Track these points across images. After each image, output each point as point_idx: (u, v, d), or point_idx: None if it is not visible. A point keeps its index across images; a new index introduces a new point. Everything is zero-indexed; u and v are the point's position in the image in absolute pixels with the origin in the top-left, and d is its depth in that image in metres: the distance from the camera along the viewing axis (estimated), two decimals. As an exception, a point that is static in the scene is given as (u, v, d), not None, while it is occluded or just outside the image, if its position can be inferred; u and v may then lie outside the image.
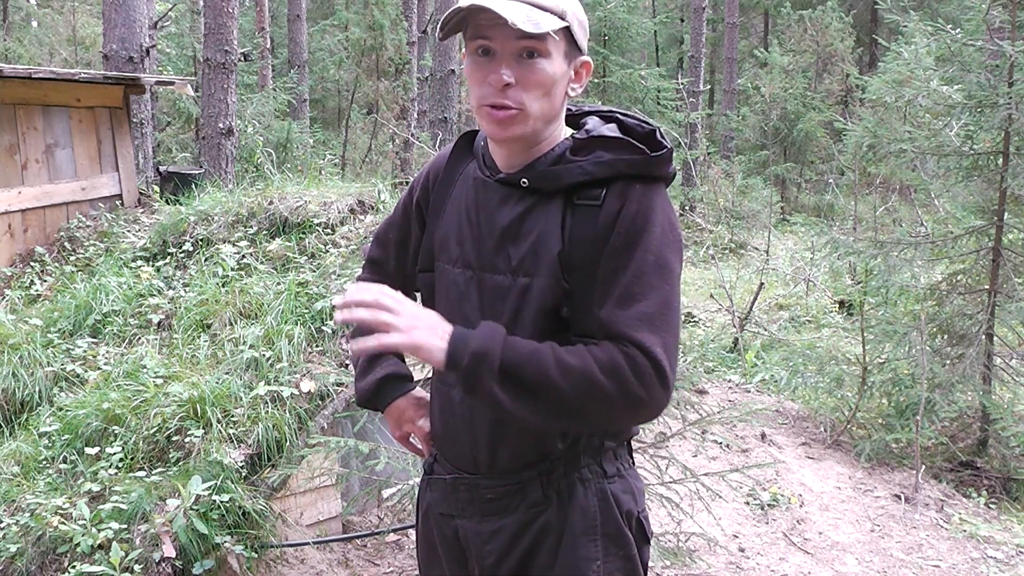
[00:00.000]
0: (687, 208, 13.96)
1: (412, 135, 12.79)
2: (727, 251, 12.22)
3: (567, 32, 1.43)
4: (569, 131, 1.55)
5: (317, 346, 3.70)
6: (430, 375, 1.67)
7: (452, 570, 1.64)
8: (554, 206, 1.47)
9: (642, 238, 1.40)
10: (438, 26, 1.44)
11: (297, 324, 3.72)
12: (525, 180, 1.48)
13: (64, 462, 3.29)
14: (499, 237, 1.50)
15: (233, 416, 3.32)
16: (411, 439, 1.72)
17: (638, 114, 1.55)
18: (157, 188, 6.61)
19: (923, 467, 4.57)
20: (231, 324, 3.82)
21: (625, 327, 1.36)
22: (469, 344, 1.36)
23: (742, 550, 3.85)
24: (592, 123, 1.53)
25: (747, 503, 4.23)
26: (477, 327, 1.40)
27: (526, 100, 1.42)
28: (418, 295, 1.69)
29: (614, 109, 1.57)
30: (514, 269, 1.48)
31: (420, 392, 1.71)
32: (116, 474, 3.16)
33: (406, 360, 1.74)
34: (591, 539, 1.50)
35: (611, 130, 1.50)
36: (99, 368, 3.77)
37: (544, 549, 1.52)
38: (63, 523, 2.90)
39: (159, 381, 3.52)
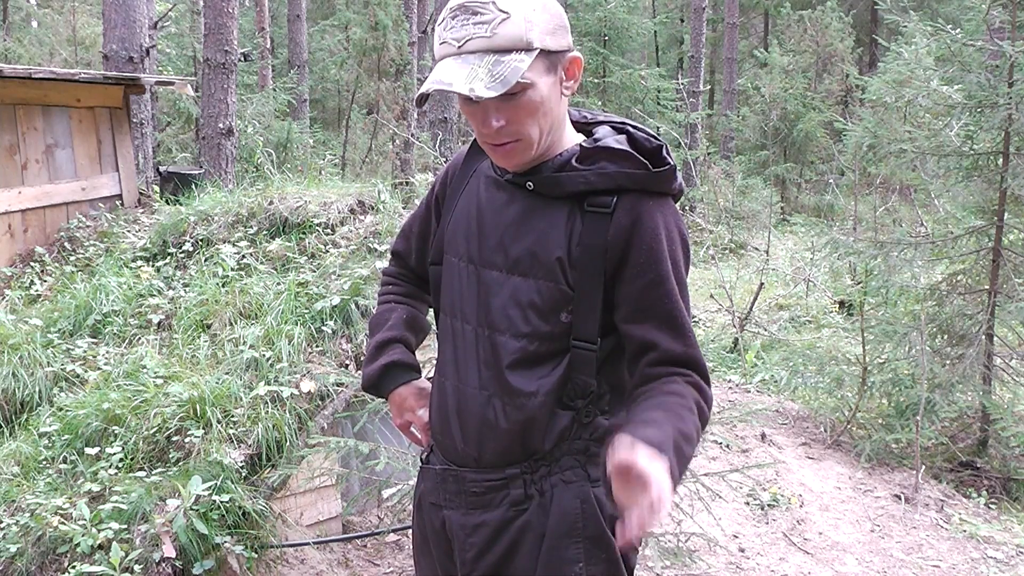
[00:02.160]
0: (687, 208, 13.95)
1: (412, 135, 12.79)
2: (727, 251, 12.23)
3: (541, 53, 1.41)
4: (581, 137, 1.56)
5: (317, 346, 3.70)
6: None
7: (440, 561, 1.66)
8: (558, 210, 1.49)
9: (664, 256, 1.46)
10: (415, 101, 1.49)
11: (297, 324, 3.72)
12: (530, 184, 1.51)
13: (64, 462, 3.29)
14: (500, 234, 1.53)
15: (233, 416, 3.32)
16: (412, 428, 1.75)
17: (648, 129, 1.56)
18: (157, 188, 6.61)
19: (923, 467, 4.57)
20: (231, 324, 3.82)
21: (681, 350, 1.46)
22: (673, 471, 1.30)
23: (742, 550, 3.85)
24: (602, 132, 1.54)
25: (747, 503, 4.23)
26: (649, 428, 1.32)
27: (522, 131, 1.45)
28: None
29: (627, 121, 1.58)
30: (509, 267, 1.51)
31: (423, 382, 1.74)
32: (116, 474, 3.16)
33: (414, 350, 1.77)
34: (573, 541, 1.51)
35: (619, 142, 1.51)
36: (99, 368, 3.77)
37: (524, 549, 1.54)
38: (63, 523, 2.90)
39: (159, 381, 3.52)
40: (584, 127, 1.59)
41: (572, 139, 1.54)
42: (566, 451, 1.53)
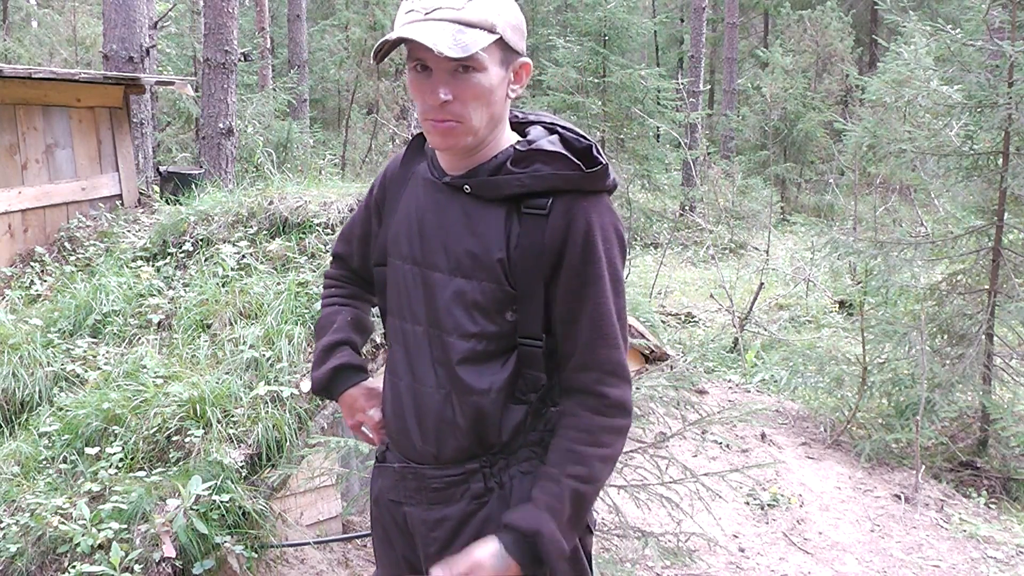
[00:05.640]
0: (687, 208, 13.94)
1: (412, 135, 12.77)
2: (727, 251, 12.23)
3: (500, 41, 1.46)
4: (515, 137, 1.59)
5: (317, 346, 3.70)
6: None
7: (404, 553, 1.70)
8: (495, 212, 1.53)
9: (598, 254, 1.50)
10: (372, 53, 1.49)
11: (297, 324, 3.72)
12: (468, 187, 1.54)
13: (64, 462, 3.29)
14: (442, 237, 1.56)
15: (233, 416, 3.32)
16: (364, 428, 1.77)
17: (577, 128, 1.59)
18: (157, 188, 6.61)
19: (923, 467, 4.57)
20: (231, 324, 3.82)
21: (602, 356, 1.52)
22: (539, 552, 1.49)
23: (742, 550, 3.85)
24: (535, 133, 1.58)
25: (747, 503, 4.23)
26: (526, 512, 1.51)
27: (465, 113, 1.47)
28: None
29: (556, 121, 1.61)
30: (451, 269, 1.54)
31: (373, 383, 1.77)
32: (116, 474, 3.16)
33: (361, 352, 1.81)
34: None
35: (552, 143, 1.54)
36: (99, 368, 3.77)
37: None
38: (63, 523, 2.90)
39: (159, 381, 3.52)
40: (517, 127, 1.62)
41: (509, 140, 1.57)
42: (522, 443, 1.58)
